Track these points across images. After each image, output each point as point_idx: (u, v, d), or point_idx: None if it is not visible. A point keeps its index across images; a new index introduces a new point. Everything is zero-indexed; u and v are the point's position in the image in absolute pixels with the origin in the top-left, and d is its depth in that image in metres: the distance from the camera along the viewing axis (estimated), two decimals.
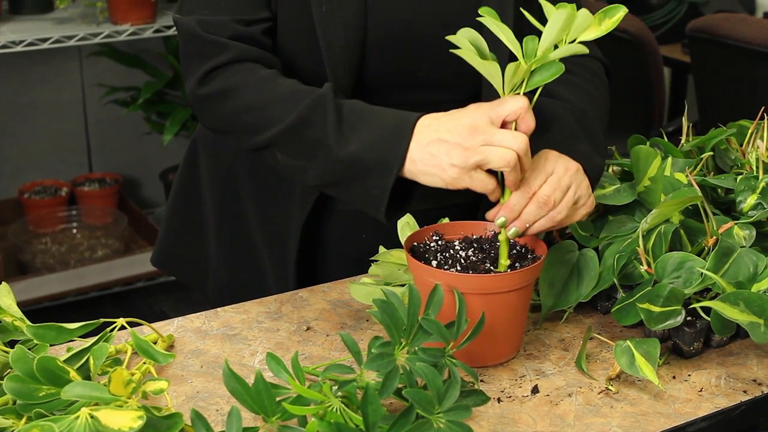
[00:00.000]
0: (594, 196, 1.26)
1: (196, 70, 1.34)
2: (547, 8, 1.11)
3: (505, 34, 1.11)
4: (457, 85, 1.39)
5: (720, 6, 3.40)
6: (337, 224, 1.46)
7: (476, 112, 1.17)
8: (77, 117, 3.51)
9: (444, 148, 1.16)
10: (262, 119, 1.29)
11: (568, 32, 1.11)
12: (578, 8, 1.13)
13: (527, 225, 1.19)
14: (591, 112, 1.22)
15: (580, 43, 1.12)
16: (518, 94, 1.15)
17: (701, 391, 1.16)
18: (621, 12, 1.13)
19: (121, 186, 3.53)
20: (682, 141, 1.48)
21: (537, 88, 1.15)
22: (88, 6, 3.03)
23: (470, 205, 1.42)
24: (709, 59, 2.95)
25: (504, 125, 1.17)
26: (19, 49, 2.82)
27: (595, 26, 1.13)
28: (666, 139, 1.45)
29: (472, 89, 1.39)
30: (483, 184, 1.17)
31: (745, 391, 1.16)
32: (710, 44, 2.88)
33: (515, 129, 1.16)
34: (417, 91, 1.40)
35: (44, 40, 2.84)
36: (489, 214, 1.20)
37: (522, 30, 1.24)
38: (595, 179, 1.28)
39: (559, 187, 1.20)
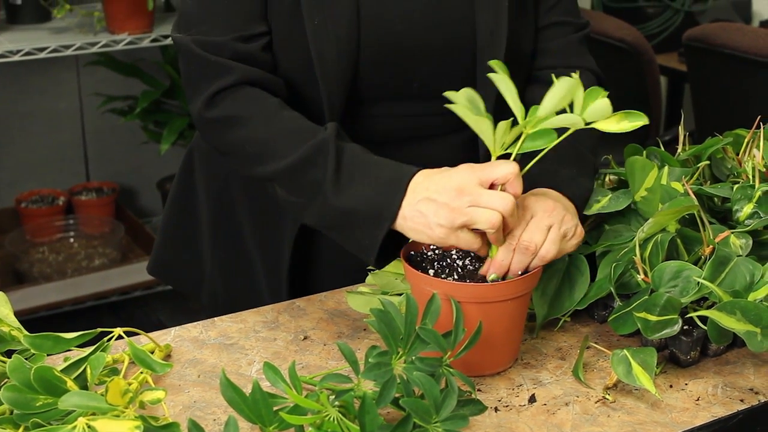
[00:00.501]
0: (592, 212, 1.27)
1: (202, 92, 1.34)
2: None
3: (510, 95, 1.10)
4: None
5: (716, 15, 3.40)
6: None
7: (466, 173, 1.18)
8: (74, 126, 3.51)
9: (432, 207, 1.17)
10: (264, 153, 1.30)
11: (578, 106, 1.10)
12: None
13: (515, 272, 1.19)
14: (580, 131, 1.22)
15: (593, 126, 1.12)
16: (509, 154, 1.15)
17: (698, 400, 1.16)
18: (642, 121, 1.13)
19: (118, 195, 3.52)
20: (679, 150, 1.48)
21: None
22: (86, 16, 3.03)
23: None
24: (706, 68, 2.96)
25: (492, 186, 1.17)
26: (16, 58, 2.82)
27: (613, 121, 1.13)
28: (662, 148, 1.46)
29: None
30: (468, 243, 1.18)
31: (742, 400, 1.16)
32: (707, 53, 2.88)
33: (503, 190, 1.17)
34: (411, 103, 1.40)
35: (42, 50, 2.84)
36: (482, 271, 1.20)
37: (517, 31, 1.27)
38: (581, 203, 1.30)
39: (539, 230, 1.20)
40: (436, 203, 1.17)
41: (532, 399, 1.15)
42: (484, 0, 1.37)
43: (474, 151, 1.43)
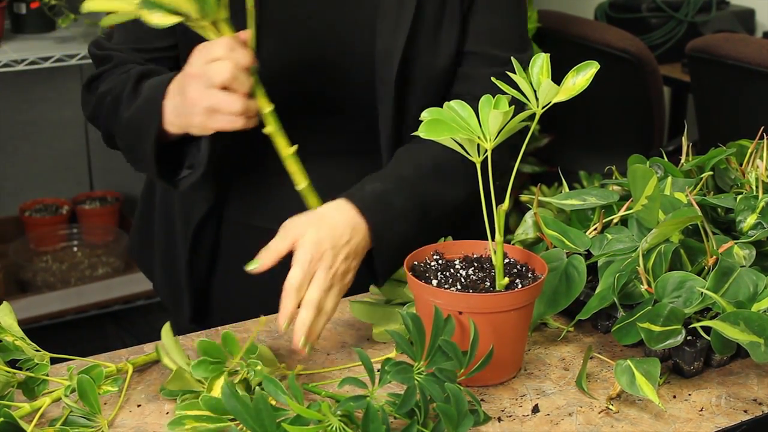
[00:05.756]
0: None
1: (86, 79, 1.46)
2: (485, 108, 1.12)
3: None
4: (360, 110, 1.42)
5: (719, 26, 3.40)
6: (234, 234, 1.51)
7: (192, 57, 1.23)
8: (78, 135, 3.52)
9: (183, 99, 1.25)
10: (102, 105, 1.40)
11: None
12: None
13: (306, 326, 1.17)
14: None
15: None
16: None
17: (702, 410, 1.16)
18: (593, 69, 1.13)
19: (121, 204, 3.53)
20: (682, 160, 1.48)
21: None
22: (90, 25, 3.04)
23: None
24: (709, 79, 2.96)
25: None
26: (20, 67, 2.83)
27: (566, 87, 1.13)
28: (666, 159, 1.46)
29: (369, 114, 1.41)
30: (230, 122, 1.22)
31: (745, 411, 1.16)
32: (710, 64, 2.88)
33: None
34: (330, 118, 1.41)
35: (46, 59, 2.85)
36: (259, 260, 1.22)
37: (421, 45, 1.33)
38: (380, 229, 1.27)
39: (300, 264, 1.19)
40: (183, 94, 1.24)
41: (536, 409, 1.15)
42: (386, 13, 1.37)
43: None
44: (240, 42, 1.22)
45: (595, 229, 1.35)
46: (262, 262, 1.19)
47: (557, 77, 1.14)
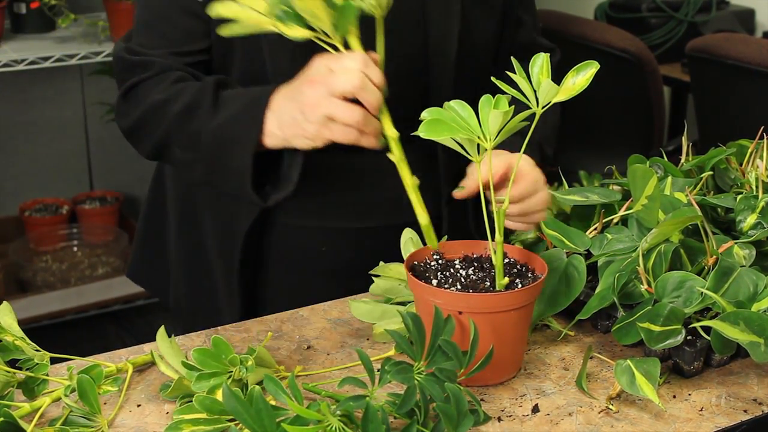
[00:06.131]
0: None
1: (121, 86, 1.40)
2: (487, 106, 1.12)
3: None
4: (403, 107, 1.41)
5: (719, 26, 3.40)
6: (282, 235, 1.48)
7: (314, 64, 1.21)
8: (78, 135, 3.52)
9: (296, 107, 1.21)
10: (159, 115, 1.34)
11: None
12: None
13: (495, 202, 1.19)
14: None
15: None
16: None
17: (702, 410, 1.16)
18: (593, 68, 1.13)
19: (121, 204, 3.53)
20: (682, 160, 1.48)
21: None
22: (90, 25, 3.04)
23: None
24: (709, 79, 2.96)
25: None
26: (20, 67, 2.83)
27: (566, 86, 1.14)
28: (666, 159, 1.46)
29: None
30: (343, 133, 1.19)
31: (745, 411, 1.16)
32: (710, 64, 2.88)
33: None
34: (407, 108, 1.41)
35: (46, 59, 2.85)
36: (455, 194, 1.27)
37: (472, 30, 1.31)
38: None
39: (527, 184, 1.28)
40: (298, 102, 1.20)
41: (536, 409, 1.15)
42: (434, 3, 1.37)
43: (435, 156, 1.44)
44: (373, 59, 1.20)
45: (595, 228, 1.35)
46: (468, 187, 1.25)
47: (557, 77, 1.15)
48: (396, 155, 1.19)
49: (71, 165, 3.53)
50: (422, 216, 1.22)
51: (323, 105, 1.18)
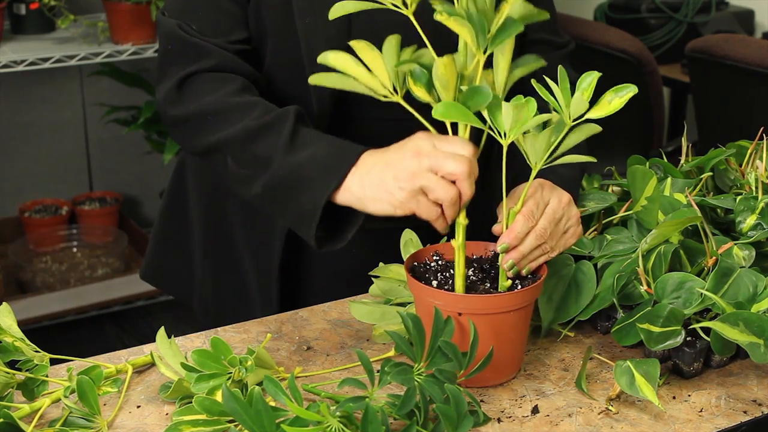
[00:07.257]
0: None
1: (176, 71, 1.34)
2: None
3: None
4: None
5: (719, 27, 3.40)
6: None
7: (422, 138, 1.18)
8: (78, 136, 3.52)
9: (391, 172, 1.18)
10: (224, 119, 1.30)
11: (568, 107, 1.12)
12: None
13: (523, 256, 1.19)
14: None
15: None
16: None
17: (701, 411, 1.16)
18: (632, 92, 1.14)
19: (121, 205, 3.53)
20: (682, 161, 1.48)
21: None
22: (90, 26, 3.04)
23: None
24: (709, 79, 2.96)
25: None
26: (20, 68, 2.83)
27: (604, 104, 1.14)
28: (665, 159, 1.46)
29: None
30: (428, 210, 1.17)
31: (745, 412, 1.16)
32: (709, 65, 2.88)
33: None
34: (399, 108, 1.41)
35: (46, 60, 2.85)
36: (495, 229, 1.21)
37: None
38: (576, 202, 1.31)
39: (553, 220, 1.21)
40: (395, 167, 1.18)
41: (535, 410, 1.15)
42: None
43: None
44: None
45: (595, 230, 1.35)
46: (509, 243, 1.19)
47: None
48: (458, 241, 1.17)
49: (71, 166, 3.53)
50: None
51: (423, 177, 1.16)
